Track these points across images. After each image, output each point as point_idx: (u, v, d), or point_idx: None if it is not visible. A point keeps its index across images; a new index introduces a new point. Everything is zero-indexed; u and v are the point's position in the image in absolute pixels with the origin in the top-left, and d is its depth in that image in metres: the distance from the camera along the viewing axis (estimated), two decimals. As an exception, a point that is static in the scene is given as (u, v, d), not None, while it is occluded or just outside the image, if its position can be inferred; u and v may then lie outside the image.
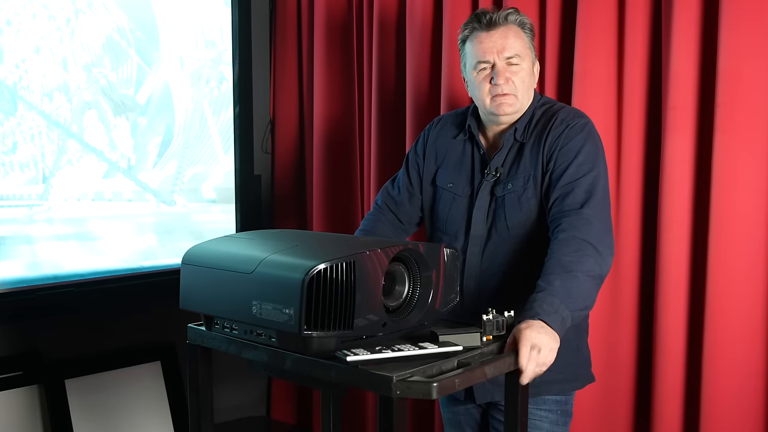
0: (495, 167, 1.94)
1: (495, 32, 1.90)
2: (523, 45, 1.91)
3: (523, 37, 1.92)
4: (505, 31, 1.90)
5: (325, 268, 1.44)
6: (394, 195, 2.15)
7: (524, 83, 1.91)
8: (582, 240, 1.73)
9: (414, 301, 1.64)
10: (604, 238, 1.77)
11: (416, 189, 2.11)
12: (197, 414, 1.80)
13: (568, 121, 1.89)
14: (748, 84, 2.03)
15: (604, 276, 1.76)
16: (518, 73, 1.90)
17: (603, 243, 1.76)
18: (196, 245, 1.77)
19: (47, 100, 2.89)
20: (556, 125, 1.89)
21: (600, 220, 1.79)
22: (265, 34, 3.52)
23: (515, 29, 1.91)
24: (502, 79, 1.88)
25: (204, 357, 1.80)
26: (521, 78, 1.90)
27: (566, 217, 1.78)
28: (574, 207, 1.79)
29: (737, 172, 2.05)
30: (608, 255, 1.77)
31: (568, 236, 1.74)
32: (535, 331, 1.59)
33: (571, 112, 1.93)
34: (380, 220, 2.14)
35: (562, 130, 1.88)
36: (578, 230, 1.75)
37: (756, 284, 2.06)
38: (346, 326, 1.47)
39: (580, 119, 1.90)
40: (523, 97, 1.92)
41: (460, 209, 1.98)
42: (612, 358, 2.32)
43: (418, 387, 1.40)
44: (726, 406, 2.09)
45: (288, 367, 1.54)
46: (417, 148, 2.13)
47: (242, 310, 1.57)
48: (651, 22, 2.25)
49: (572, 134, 1.86)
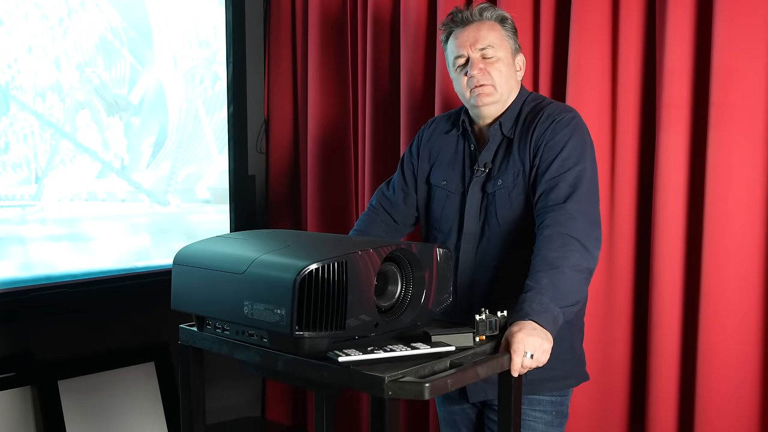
0: (484, 163, 1.94)
1: (469, 27, 1.93)
2: (498, 36, 1.93)
3: (499, 30, 1.94)
4: (478, 26, 1.93)
5: (316, 268, 1.43)
6: (389, 195, 2.15)
7: (502, 74, 1.92)
8: (566, 235, 1.74)
9: (407, 301, 1.63)
10: (589, 232, 1.77)
11: (411, 188, 2.11)
12: (189, 415, 1.79)
13: (554, 116, 1.89)
14: (742, 82, 2.02)
15: (592, 270, 1.76)
16: (494, 64, 1.91)
17: (588, 237, 1.76)
18: (187, 245, 1.76)
19: (40, 100, 2.87)
20: (543, 120, 1.89)
21: (584, 213, 1.79)
22: (259, 34, 3.51)
23: (489, 23, 1.93)
24: (476, 70, 1.90)
25: (195, 358, 1.79)
26: (498, 69, 1.91)
27: (550, 213, 1.78)
28: (557, 202, 1.79)
29: (731, 170, 2.05)
30: (594, 249, 1.77)
31: (552, 232, 1.75)
32: (527, 333, 1.59)
33: (558, 107, 1.93)
34: (374, 220, 2.14)
35: (548, 125, 1.88)
36: (562, 225, 1.75)
37: (751, 282, 2.06)
38: (338, 326, 1.46)
39: (567, 113, 1.90)
40: (502, 88, 1.92)
41: (453, 206, 1.98)
42: (607, 359, 2.32)
43: (410, 387, 1.39)
44: (720, 407, 2.08)
45: (280, 368, 1.53)
46: (412, 149, 2.14)
47: (234, 310, 1.56)
48: (645, 19, 2.25)
49: (558, 128, 1.86)
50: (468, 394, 1.95)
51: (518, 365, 1.57)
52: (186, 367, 1.79)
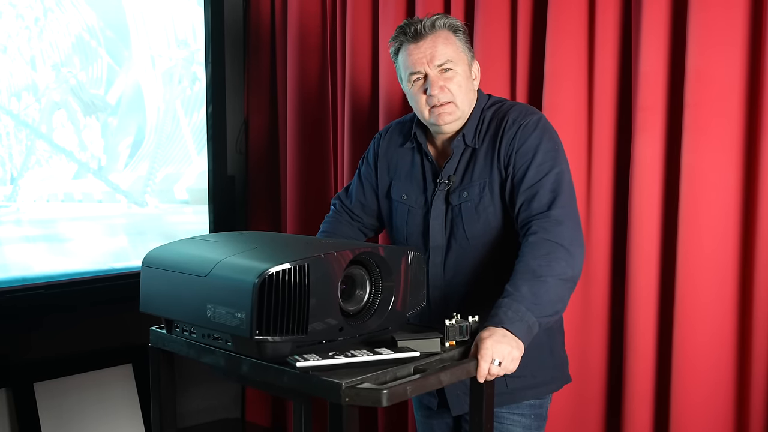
0: (447, 175, 1.89)
1: (423, 42, 1.83)
2: (455, 49, 1.84)
3: (455, 41, 1.85)
4: (433, 40, 1.83)
5: (277, 271, 1.41)
6: (347, 204, 2.12)
7: (461, 88, 1.85)
8: (552, 242, 1.70)
9: (375, 305, 1.61)
10: (575, 237, 1.75)
11: (370, 200, 2.07)
12: (159, 417, 1.78)
13: (520, 121, 1.84)
14: (716, 85, 2.02)
15: (576, 277, 1.73)
16: (453, 79, 1.84)
17: (574, 243, 1.73)
18: (157, 247, 1.75)
19: (15, 100, 2.85)
20: (509, 126, 1.84)
21: (569, 217, 1.76)
22: (238, 34, 3.49)
23: (444, 34, 1.84)
24: (436, 89, 1.82)
25: (166, 360, 1.77)
26: (457, 83, 1.84)
27: (535, 220, 1.75)
28: (541, 210, 1.76)
29: (705, 172, 2.05)
30: (579, 254, 1.75)
31: (538, 239, 1.71)
32: (495, 340, 1.56)
33: (522, 109, 1.88)
34: (339, 221, 2.11)
35: (516, 131, 1.83)
36: (548, 232, 1.72)
37: (725, 283, 2.06)
38: (300, 331, 1.44)
39: (531, 116, 1.85)
40: (462, 103, 1.86)
41: (416, 221, 1.94)
42: (584, 362, 2.32)
43: (367, 394, 1.36)
44: (695, 408, 2.08)
45: (244, 372, 1.52)
46: (369, 159, 2.08)
47: (198, 313, 1.54)
48: (621, 24, 2.25)
49: (526, 134, 1.82)
50: (450, 407, 1.91)
51: (484, 371, 1.55)
52: (156, 370, 1.77)
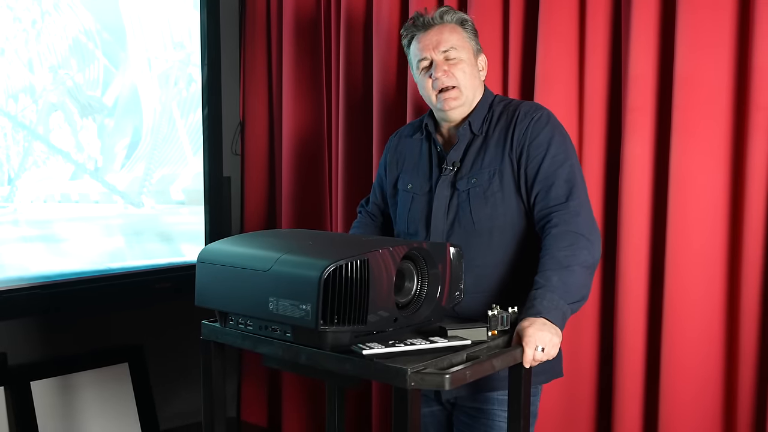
0: (452, 161, 1.98)
1: (431, 31, 1.98)
2: (460, 38, 1.98)
3: (461, 32, 1.99)
4: (440, 29, 1.97)
5: (340, 265, 1.51)
6: (367, 207, 2.26)
7: (466, 74, 1.96)
8: (574, 233, 1.82)
9: (423, 297, 1.70)
10: (592, 226, 1.87)
11: (382, 201, 2.21)
12: (210, 408, 1.85)
13: (531, 114, 1.94)
14: (704, 88, 2.06)
15: (596, 262, 1.86)
16: (457, 65, 1.96)
17: (592, 231, 1.85)
18: (210, 244, 1.83)
19: (12, 101, 2.87)
20: (521, 119, 1.94)
21: (585, 207, 1.88)
22: (234, 36, 3.51)
23: (451, 26, 1.98)
24: (440, 72, 1.95)
25: (218, 352, 1.85)
26: (461, 69, 1.96)
27: (555, 212, 1.85)
28: (559, 201, 1.86)
29: (694, 173, 2.08)
30: (597, 241, 1.86)
31: (560, 231, 1.82)
32: (537, 328, 1.67)
33: (530, 105, 1.99)
34: (365, 224, 2.23)
35: (528, 124, 1.93)
36: (568, 224, 1.83)
37: (713, 282, 2.09)
38: (359, 321, 1.54)
39: (541, 111, 1.96)
40: (466, 89, 1.97)
41: (419, 206, 2.02)
42: (574, 360, 2.34)
43: (431, 378, 1.46)
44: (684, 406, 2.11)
45: (303, 361, 1.60)
46: (382, 160, 2.20)
47: (258, 306, 1.62)
48: (611, 26, 2.28)
49: (539, 127, 1.92)
50: (441, 392, 1.97)
51: (530, 357, 1.66)
52: (208, 362, 1.85)
